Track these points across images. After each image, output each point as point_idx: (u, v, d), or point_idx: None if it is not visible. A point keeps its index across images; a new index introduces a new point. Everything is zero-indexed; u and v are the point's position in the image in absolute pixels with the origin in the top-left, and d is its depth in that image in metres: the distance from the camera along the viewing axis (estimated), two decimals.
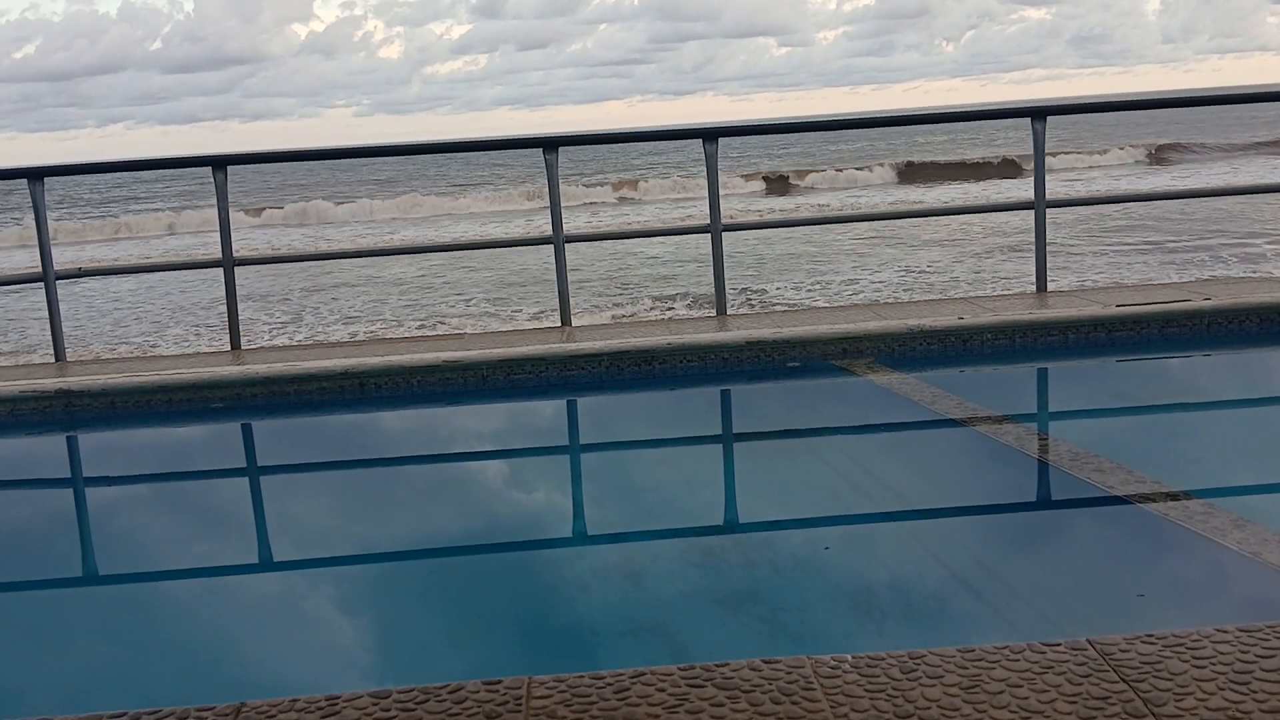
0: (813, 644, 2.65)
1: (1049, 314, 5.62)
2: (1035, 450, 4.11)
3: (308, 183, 51.13)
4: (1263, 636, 2.18)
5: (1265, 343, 5.49)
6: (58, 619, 3.25)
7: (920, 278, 14.34)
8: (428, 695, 2.13)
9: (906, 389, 4.89)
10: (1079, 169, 35.82)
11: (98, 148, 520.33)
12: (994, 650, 2.19)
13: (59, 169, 7.62)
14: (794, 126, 12.07)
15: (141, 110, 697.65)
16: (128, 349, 12.33)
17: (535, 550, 3.57)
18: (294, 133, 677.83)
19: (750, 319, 6.95)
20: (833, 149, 50.31)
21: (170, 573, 3.56)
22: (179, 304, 15.63)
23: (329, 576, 3.48)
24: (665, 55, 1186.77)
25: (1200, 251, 14.57)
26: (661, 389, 5.30)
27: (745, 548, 3.43)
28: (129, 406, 5.18)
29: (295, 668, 2.82)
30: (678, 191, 35.91)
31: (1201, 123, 53.17)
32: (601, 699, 2.09)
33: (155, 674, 2.79)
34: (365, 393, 5.23)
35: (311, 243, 26.26)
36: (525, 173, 43.82)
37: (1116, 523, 3.36)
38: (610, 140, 7.56)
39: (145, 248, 28.63)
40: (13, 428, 5.13)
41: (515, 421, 5.34)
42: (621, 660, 2.49)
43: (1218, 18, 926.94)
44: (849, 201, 29.48)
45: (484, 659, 2.77)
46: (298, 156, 7.37)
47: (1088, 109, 7.65)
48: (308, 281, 16.75)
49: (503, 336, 6.91)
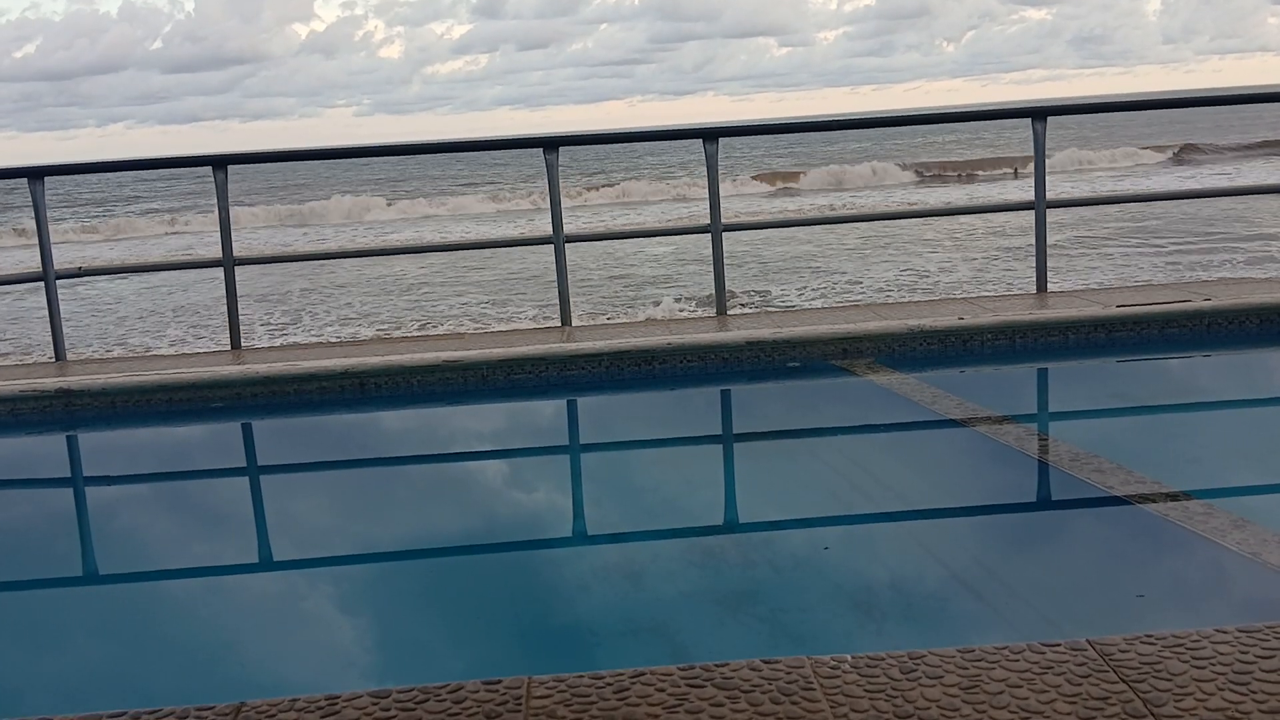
0: (812, 644, 2.65)
1: (1049, 314, 5.62)
2: (1035, 450, 4.12)
3: (308, 183, 51.16)
4: (1262, 637, 2.18)
5: (1265, 343, 5.49)
6: (58, 618, 3.25)
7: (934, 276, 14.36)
8: (427, 695, 2.13)
9: (906, 389, 4.89)
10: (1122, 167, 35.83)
11: (98, 147, 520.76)
12: (994, 650, 2.19)
13: (59, 168, 7.63)
14: (794, 126, 12.07)
15: (142, 110, 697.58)
16: (122, 350, 12.33)
17: (535, 550, 3.57)
18: (294, 132, 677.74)
19: (750, 319, 6.95)
20: (854, 147, 50.37)
21: (170, 572, 3.56)
22: (180, 303, 15.64)
23: (329, 576, 3.48)
24: (665, 55, 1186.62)
25: (1211, 254, 14.58)
26: (661, 389, 5.30)
27: (745, 548, 3.43)
28: (129, 406, 5.18)
29: (295, 667, 2.82)
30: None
31: (1204, 123, 53.22)
32: (601, 699, 2.09)
33: (155, 673, 2.79)
34: (365, 392, 5.24)
35: (316, 245, 26.24)
36: (532, 173, 43.83)
37: (1116, 523, 3.36)
38: (610, 140, 7.56)
39: (146, 247, 28.63)
40: (13, 427, 5.14)
41: (515, 421, 5.34)
42: (621, 660, 2.49)
43: (1218, 18, 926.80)
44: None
45: (484, 659, 2.77)
46: (298, 156, 7.37)
47: (1088, 109, 7.66)
48: (306, 281, 16.78)
49: (503, 336, 6.91)
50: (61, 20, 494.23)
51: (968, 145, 50.45)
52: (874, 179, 36.36)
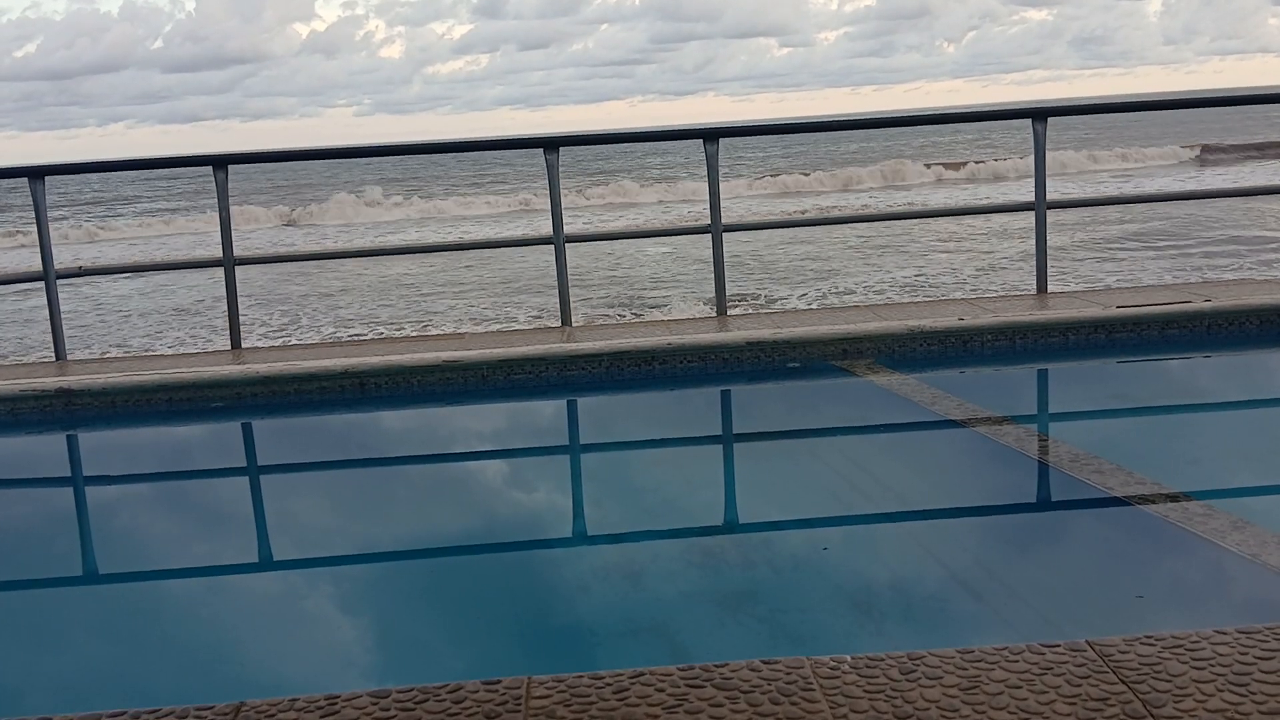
0: (812, 645, 2.65)
1: (1049, 315, 5.62)
2: (1035, 451, 4.12)
3: (309, 183, 51.16)
4: (1262, 638, 2.18)
5: (1265, 344, 5.49)
6: (57, 618, 3.25)
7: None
8: (427, 695, 2.13)
9: (906, 390, 4.89)
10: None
11: (98, 147, 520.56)
12: (993, 651, 2.19)
13: (60, 168, 7.63)
14: (796, 127, 12.06)
15: (142, 109, 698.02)
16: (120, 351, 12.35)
17: (535, 550, 3.57)
18: (295, 132, 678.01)
19: (750, 319, 6.95)
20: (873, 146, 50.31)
21: (170, 572, 3.56)
22: (180, 304, 15.65)
23: (329, 576, 3.48)
24: (666, 55, 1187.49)
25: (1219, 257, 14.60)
26: (661, 389, 5.30)
27: (745, 548, 3.43)
28: (129, 405, 5.18)
29: (295, 667, 2.83)
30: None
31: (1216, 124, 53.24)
32: (601, 699, 2.09)
33: (155, 673, 2.79)
34: (365, 392, 5.24)
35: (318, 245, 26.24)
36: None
37: (1116, 524, 3.36)
38: (611, 140, 7.56)
39: (150, 248, 28.62)
40: (13, 426, 5.14)
41: (515, 421, 5.34)
42: (621, 660, 2.49)
43: (1219, 19, 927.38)
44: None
45: (483, 659, 2.77)
46: (299, 156, 7.37)
47: (1089, 110, 7.66)
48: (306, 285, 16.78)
49: (503, 336, 6.91)
50: (62, 19, 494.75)
51: (973, 146, 50.44)
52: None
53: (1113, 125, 54.02)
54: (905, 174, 36.91)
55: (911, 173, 36.92)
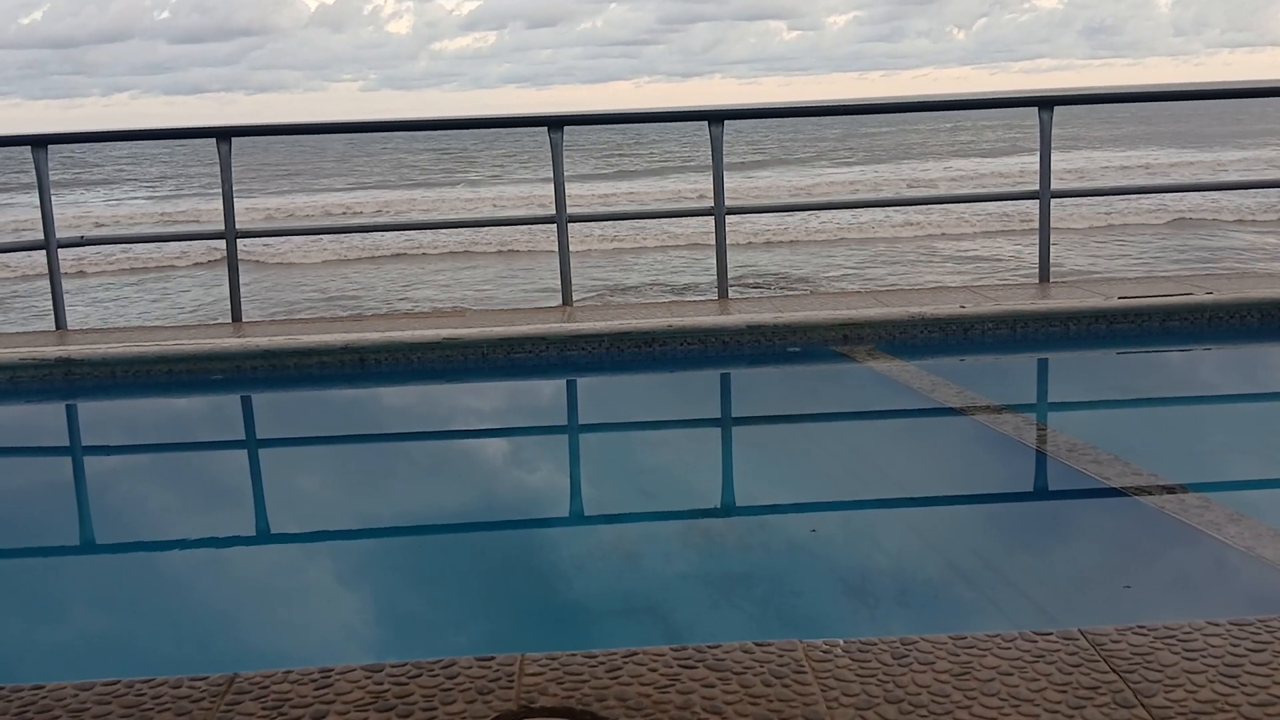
0: (805, 628, 2.66)
1: (1050, 304, 5.61)
2: (1033, 440, 4.12)
3: (311, 161, 51.06)
4: (1254, 630, 2.19)
5: (1266, 338, 5.48)
6: (53, 587, 3.26)
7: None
8: (420, 670, 2.13)
9: (906, 376, 4.89)
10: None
11: (101, 116, 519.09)
12: (986, 638, 2.19)
13: (62, 137, 7.60)
14: (802, 110, 12.01)
15: (147, 80, 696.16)
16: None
17: (531, 529, 3.58)
18: (299, 106, 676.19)
19: (751, 303, 6.95)
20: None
21: (167, 543, 3.57)
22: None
23: (325, 550, 3.49)
24: (674, 36, 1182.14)
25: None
26: (661, 371, 5.30)
27: (741, 531, 3.44)
28: (129, 376, 5.18)
29: (289, 640, 2.83)
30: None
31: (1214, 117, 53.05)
32: (594, 677, 2.09)
33: (150, 643, 2.80)
34: (365, 368, 5.24)
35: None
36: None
37: (1112, 514, 3.36)
38: (616, 121, 7.57)
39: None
40: (12, 395, 5.14)
41: (514, 400, 5.34)
42: (614, 640, 2.50)
43: (1230, 11, 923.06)
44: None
45: (477, 635, 2.78)
46: (303, 130, 7.38)
47: (1096, 100, 7.62)
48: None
49: (504, 315, 6.90)
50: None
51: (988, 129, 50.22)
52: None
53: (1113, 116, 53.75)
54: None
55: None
